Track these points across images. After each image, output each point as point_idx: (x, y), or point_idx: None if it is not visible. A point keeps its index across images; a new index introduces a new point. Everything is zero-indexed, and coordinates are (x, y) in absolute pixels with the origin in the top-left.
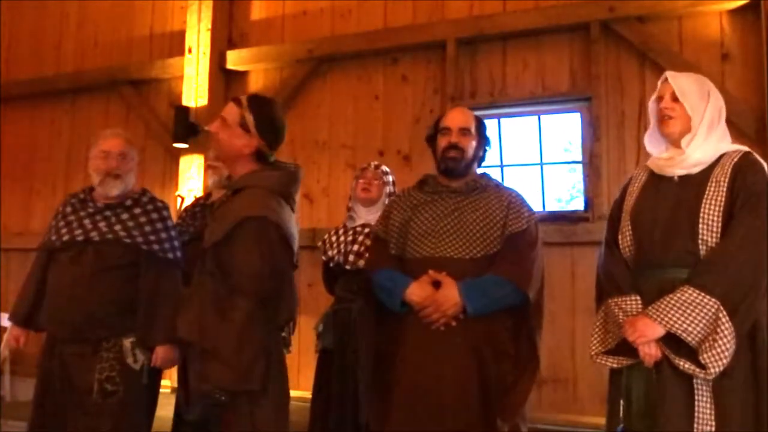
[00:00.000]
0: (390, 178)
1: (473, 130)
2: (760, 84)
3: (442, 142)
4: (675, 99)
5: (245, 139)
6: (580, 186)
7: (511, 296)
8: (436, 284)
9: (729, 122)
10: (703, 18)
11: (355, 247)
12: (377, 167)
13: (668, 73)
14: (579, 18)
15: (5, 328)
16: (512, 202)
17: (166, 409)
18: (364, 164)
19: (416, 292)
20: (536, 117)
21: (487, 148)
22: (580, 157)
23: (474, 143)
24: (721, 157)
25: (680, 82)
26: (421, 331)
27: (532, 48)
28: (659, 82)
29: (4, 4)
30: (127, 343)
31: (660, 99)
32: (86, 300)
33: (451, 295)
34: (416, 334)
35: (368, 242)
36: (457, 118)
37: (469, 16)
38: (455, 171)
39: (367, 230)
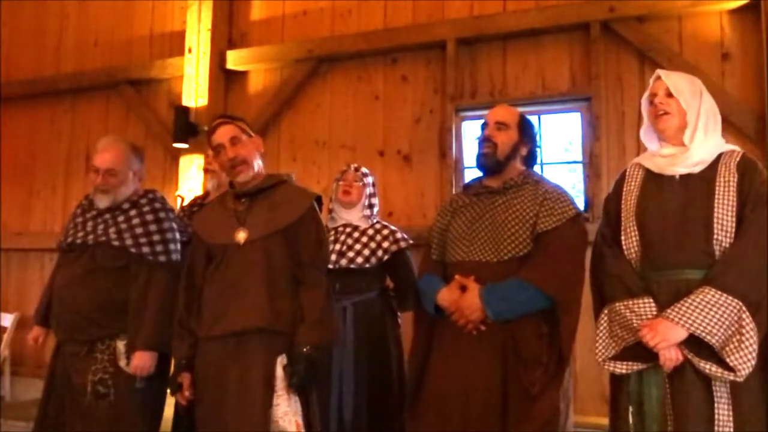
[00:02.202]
0: (370, 179)
1: (512, 125)
2: (760, 84)
3: (480, 137)
4: (669, 95)
5: (255, 141)
6: (580, 186)
7: (535, 300)
8: (466, 288)
9: (729, 122)
10: (703, 18)
11: (337, 247)
12: (357, 169)
13: (660, 72)
14: (579, 18)
15: (5, 328)
16: (547, 198)
17: (166, 409)
18: (344, 166)
19: (445, 297)
20: (536, 117)
21: (534, 147)
22: (580, 157)
23: (511, 138)
24: (720, 156)
25: (673, 79)
26: (453, 335)
27: (532, 48)
28: (651, 81)
29: (4, 4)
30: (121, 345)
31: (653, 96)
32: (77, 300)
33: (472, 300)
34: (449, 339)
35: (350, 241)
36: (495, 112)
37: (469, 16)
38: (487, 166)
39: (348, 229)
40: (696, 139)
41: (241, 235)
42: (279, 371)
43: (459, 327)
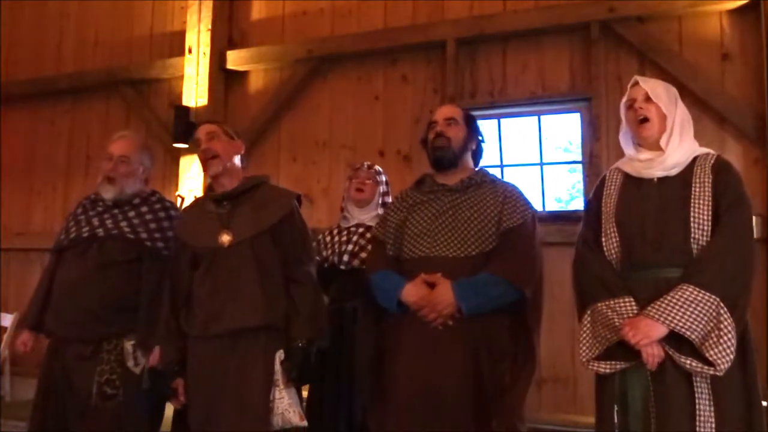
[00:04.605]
0: (383, 177)
1: (460, 120)
2: (760, 84)
3: (430, 135)
4: (648, 100)
5: (236, 143)
6: (580, 186)
7: (506, 294)
8: (432, 284)
9: (729, 122)
10: (703, 18)
11: (350, 247)
12: (370, 167)
13: (638, 77)
14: (579, 18)
15: (5, 328)
16: (508, 196)
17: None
18: (357, 164)
19: (411, 292)
20: (536, 117)
21: (481, 142)
22: (580, 157)
23: (462, 133)
24: (695, 159)
25: (651, 85)
26: (419, 331)
27: (532, 48)
28: (629, 87)
29: (4, 4)
30: (128, 345)
31: (633, 101)
32: (87, 294)
33: (445, 295)
34: (415, 335)
35: (362, 242)
36: (442, 111)
37: (469, 16)
38: (444, 159)
39: (361, 230)
40: (672, 144)
41: (225, 238)
42: (278, 365)
43: (424, 323)
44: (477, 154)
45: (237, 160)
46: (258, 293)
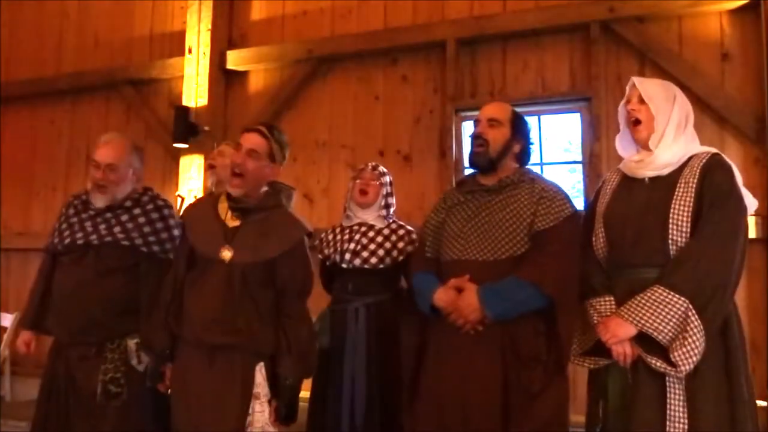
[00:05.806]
0: (387, 178)
1: (505, 121)
2: (760, 84)
3: (472, 134)
4: (642, 102)
5: (273, 168)
6: (580, 186)
7: (533, 299)
8: (461, 289)
9: (729, 122)
10: (703, 18)
11: (352, 246)
12: (374, 168)
13: (635, 79)
14: (579, 18)
15: (5, 328)
16: (543, 197)
17: None
18: (361, 165)
19: (441, 297)
20: (536, 117)
21: (528, 144)
22: (580, 157)
23: (504, 135)
24: (690, 158)
25: (646, 86)
26: (451, 335)
27: (532, 48)
28: (627, 88)
29: (4, 4)
30: (132, 344)
31: (628, 103)
32: (88, 303)
33: (470, 300)
34: (447, 338)
35: (365, 240)
36: (487, 109)
37: (469, 16)
38: (480, 163)
39: (363, 228)
40: (663, 144)
41: (227, 254)
42: (259, 378)
43: (456, 327)
44: (523, 155)
45: (265, 182)
46: (229, 315)
